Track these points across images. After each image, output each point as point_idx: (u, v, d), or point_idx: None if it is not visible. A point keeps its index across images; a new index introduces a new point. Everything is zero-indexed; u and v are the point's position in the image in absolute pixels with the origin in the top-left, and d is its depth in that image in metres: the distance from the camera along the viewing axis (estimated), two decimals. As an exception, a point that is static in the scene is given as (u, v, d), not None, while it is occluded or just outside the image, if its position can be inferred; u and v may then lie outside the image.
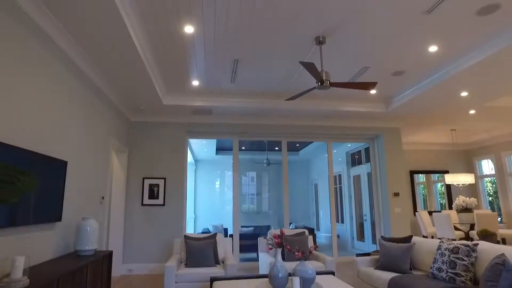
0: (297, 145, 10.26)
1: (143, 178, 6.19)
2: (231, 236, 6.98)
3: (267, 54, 4.32)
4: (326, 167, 7.33)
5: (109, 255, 4.03)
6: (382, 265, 3.98)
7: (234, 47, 4.16)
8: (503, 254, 2.62)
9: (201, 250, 4.49)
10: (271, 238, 2.98)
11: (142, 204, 6.10)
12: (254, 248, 7.36)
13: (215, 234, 4.84)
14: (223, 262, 4.70)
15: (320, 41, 3.80)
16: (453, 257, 3.17)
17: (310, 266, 3.02)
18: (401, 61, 4.59)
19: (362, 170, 8.63)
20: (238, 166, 6.78)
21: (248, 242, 7.36)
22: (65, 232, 3.65)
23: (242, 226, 9.54)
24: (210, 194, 11.50)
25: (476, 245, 3.14)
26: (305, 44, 4.04)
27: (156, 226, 6.07)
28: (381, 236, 4.37)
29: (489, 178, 9.64)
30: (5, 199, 1.38)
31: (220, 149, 10.21)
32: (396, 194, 6.84)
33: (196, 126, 6.53)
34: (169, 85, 5.42)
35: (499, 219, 8.84)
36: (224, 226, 9.88)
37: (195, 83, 5.32)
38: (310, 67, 3.22)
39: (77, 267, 3.01)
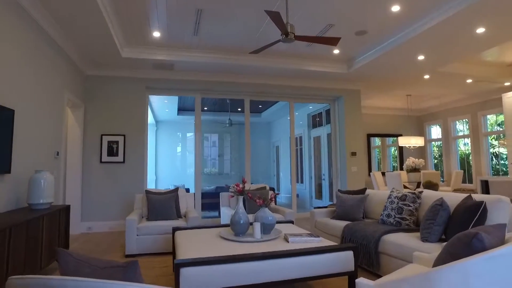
0: (260, 106, 10.28)
1: (101, 135, 5.95)
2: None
3: (232, 4, 4.18)
4: (288, 130, 7.47)
5: (66, 208, 3.92)
6: (338, 215, 4.24)
7: (198, -5, 3.96)
8: (441, 198, 2.89)
9: (162, 204, 4.50)
10: (233, 187, 3.04)
11: (101, 162, 5.91)
12: (215, 206, 7.50)
13: (177, 188, 4.85)
14: (185, 216, 4.76)
15: (286, -7, 3.72)
16: (401, 203, 3.45)
17: (271, 213, 3.15)
18: (364, 20, 4.65)
19: (322, 131, 8.91)
20: (200, 124, 6.70)
21: (210, 201, 7.49)
22: (16, 185, 3.48)
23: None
24: (172, 157, 11.38)
25: (421, 192, 3.44)
26: (271, -4, 3.95)
27: (116, 183, 5.94)
28: (338, 190, 4.62)
29: (436, 142, 10.40)
30: None
31: (182, 109, 9.99)
32: (353, 154, 7.18)
33: (157, 81, 6.29)
34: (128, 36, 5.11)
35: (441, 179, 9.68)
36: (186, 187, 9.92)
37: (156, 34, 5.05)
38: (275, 16, 3.17)
39: (31, 218, 2.90)
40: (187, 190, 8.98)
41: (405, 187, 7.75)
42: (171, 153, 11.40)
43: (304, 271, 2.43)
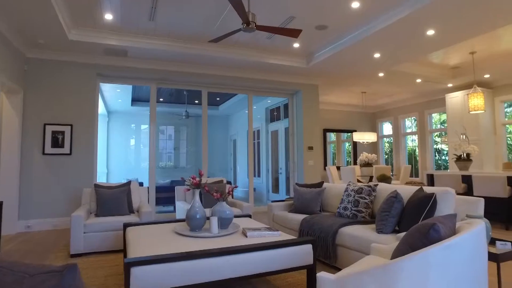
0: (218, 99, 10.10)
1: (44, 124, 5.44)
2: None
3: (191, -11, 3.98)
4: (245, 123, 7.39)
5: None
6: (295, 208, 4.25)
7: (154, -24, 3.72)
8: (396, 191, 2.99)
9: (113, 199, 4.22)
10: (189, 180, 2.90)
11: (44, 153, 5.42)
12: (170, 201, 7.25)
13: (129, 182, 4.58)
14: (137, 211, 4.51)
15: (248, -20, 3.62)
16: (357, 196, 3.53)
17: (228, 207, 3.05)
18: (325, 15, 4.68)
19: (280, 125, 8.96)
20: (155, 116, 6.40)
21: (165, 195, 7.22)
22: None
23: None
24: (125, 149, 10.82)
25: (376, 185, 3.53)
26: (232, -17, 3.81)
27: (61, 177, 5.49)
28: (296, 183, 4.64)
29: (387, 138, 10.94)
30: None
31: (136, 100, 9.51)
32: (310, 148, 7.30)
33: (109, 68, 5.88)
34: (76, 17, 4.68)
35: (391, 173, 10.21)
36: (140, 181, 9.49)
37: (108, 17, 4.69)
38: (237, 3, 3.05)
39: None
40: (141, 184, 8.59)
41: (358, 181, 8.04)
42: (124, 146, 10.84)
43: (263, 266, 2.37)
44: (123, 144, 10.81)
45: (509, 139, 7.87)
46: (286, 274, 3.06)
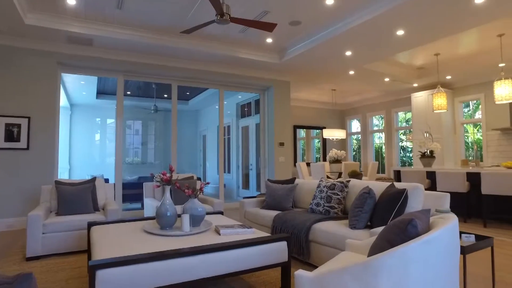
0: (187, 93, 9.86)
1: (-3, 116, 5.03)
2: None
3: (162, -23, 3.80)
4: (216, 119, 7.27)
5: None
6: (267, 205, 4.21)
7: (122, -40, 3.50)
8: (368, 187, 3.02)
9: (76, 196, 3.96)
10: (159, 175, 2.76)
11: (-3, 148, 5.01)
12: (138, 198, 7.00)
13: (94, 178, 4.33)
14: (103, 209, 4.28)
15: (222, -30, 3.50)
16: (329, 192, 3.54)
17: (200, 203, 2.95)
18: (299, 10, 4.65)
19: (251, 121, 8.90)
20: (122, 110, 6.11)
21: (132, 192, 6.95)
22: None
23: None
24: (89, 144, 10.31)
25: (348, 181, 3.56)
26: (205, -28, 3.67)
27: (17, 174, 5.09)
28: (268, 179, 4.60)
29: (355, 135, 11.22)
30: None
31: (101, 93, 9.06)
32: (281, 144, 7.30)
33: (72, 57, 5.52)
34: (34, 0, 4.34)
35: (360, 169, 10.49)
36: (105, 177, 9.09)
37: (71, 2, 4.38)
38: (211, -8, 2.93)
39: None
40: (107, 181, 8.21)
41: (328, 177, 8.17)
42: (89, 141, 10.32)
43: (238, 265, 2.30)
44: (87, 138, 10.30)
45: (466, 137, 8.31)
46: (261, 272, 3.01)
